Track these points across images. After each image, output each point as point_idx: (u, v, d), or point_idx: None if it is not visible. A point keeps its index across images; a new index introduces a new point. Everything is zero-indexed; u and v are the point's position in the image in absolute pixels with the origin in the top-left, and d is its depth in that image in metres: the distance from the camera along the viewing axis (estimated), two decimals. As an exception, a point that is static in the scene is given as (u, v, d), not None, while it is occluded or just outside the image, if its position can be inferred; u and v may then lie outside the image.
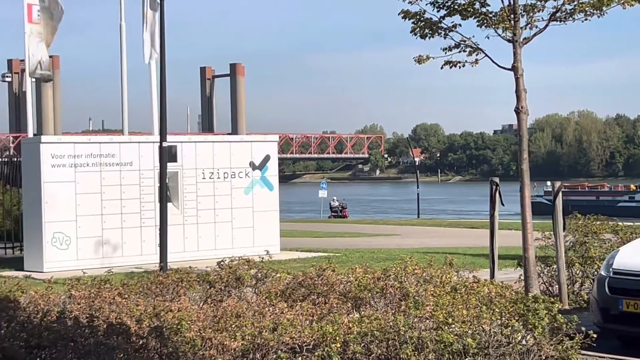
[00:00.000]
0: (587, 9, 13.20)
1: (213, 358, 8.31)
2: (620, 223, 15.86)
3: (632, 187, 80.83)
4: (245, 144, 23.55)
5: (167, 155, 18.55)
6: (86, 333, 8.23)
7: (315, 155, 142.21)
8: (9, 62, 67.43)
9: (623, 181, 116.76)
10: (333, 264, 12.07)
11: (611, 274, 11.69)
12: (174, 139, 21.57)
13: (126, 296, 10.31)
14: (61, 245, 20.25)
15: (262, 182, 23.19)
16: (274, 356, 8.65)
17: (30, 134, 24.51)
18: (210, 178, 22.36)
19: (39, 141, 20.83)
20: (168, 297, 10.70)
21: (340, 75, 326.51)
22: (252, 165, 23.05)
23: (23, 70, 46.36)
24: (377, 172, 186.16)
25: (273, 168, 23.43)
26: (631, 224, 17.94)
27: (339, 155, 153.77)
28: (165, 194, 18.46)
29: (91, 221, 20.61)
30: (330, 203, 63.94)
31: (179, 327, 8.45)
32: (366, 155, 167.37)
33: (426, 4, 13.38)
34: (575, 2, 13.17)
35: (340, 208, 63.37)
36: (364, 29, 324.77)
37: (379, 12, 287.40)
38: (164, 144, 18.42)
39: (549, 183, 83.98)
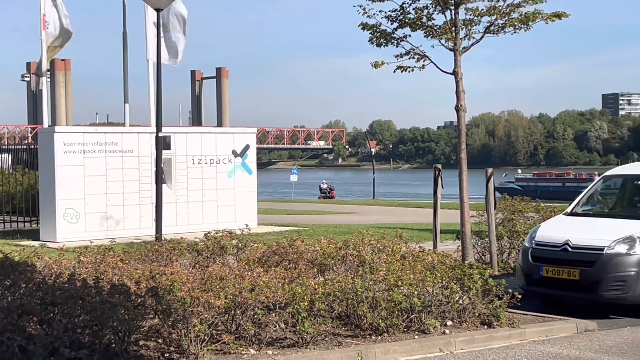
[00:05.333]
0: (516, 23, 13.29)
1: (200, 314, 8.31)
2: (542, 204, 15.97)
3: (597, 174, 79.95)
4: (229, 135, 23.45)
5: (162, 143, 18.36)
6: (93, 292, 8.19)
7: (288, 146, 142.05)
8: (28, 64, 66.68)
9: (545, 169, 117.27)
10: (302, 236, 12.08)
11: (533, 245, 11.82)
12: (168, 130, 21.44)
13: (127, 262, 10.26)
14: (71, 219, 20.09)
15: (243, 168, 23.12)
16: (252, 312, 8.67)
17: (46, 125, 24.24)
18: (198, 163, 22.25)
19: (53, 131, 20.59)
20: (162, 262, 10.67)
21: (309, 78, 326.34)
22: (234, 153, 22.97)
23: (39, 71, 45.90)
24: (340, 160, 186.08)
25: (252, 156, 23.35)
26: (550, 204, 18.08)
27: (307, 146, 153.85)
28: (160, 177, 18.29)
29: (97, 199, 20.46)
30: (320, 185, 62.36)
31: (171, 287, 8.44)
32: (330, 146, 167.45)
33: (381, 17, 13.43)
34: (506, 18, 13.26)
35: (328, 190, 61.64)
36: (329, 39, 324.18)
37: (343, 24, 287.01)
38: (160, 134, 18.27)
39: (519, 171, 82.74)
